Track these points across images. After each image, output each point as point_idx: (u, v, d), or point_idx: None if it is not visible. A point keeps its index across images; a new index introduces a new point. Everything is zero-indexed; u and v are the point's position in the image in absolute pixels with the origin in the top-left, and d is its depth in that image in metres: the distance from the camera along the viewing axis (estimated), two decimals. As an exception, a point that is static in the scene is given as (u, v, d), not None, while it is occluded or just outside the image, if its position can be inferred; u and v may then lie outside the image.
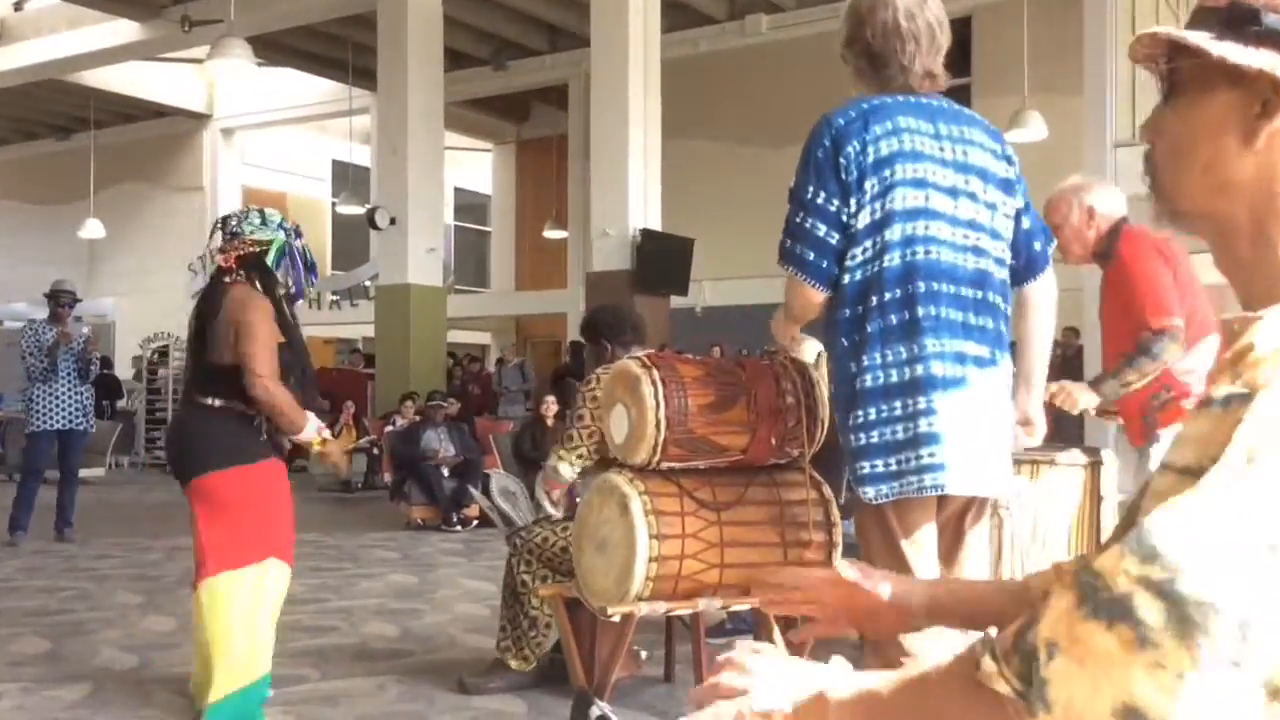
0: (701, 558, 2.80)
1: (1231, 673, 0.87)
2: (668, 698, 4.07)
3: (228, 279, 3.71)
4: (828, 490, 2.99)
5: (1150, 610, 0.87)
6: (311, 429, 3.70)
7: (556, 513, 3.97)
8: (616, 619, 2.80)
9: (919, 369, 2.49)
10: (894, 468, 2.52)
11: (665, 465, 2.85)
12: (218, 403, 3.65)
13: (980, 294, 2.60)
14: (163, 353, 17.38)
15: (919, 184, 2.57)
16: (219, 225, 3.87)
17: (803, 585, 1.45)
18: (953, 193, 2.60)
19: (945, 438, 2.48)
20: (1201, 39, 1.05)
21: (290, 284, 3.82)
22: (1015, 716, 0.94)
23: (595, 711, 2.75)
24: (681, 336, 11.85)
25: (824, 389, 3.06)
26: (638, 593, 2.74)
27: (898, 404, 2.49)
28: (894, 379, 2.51)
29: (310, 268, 3.88)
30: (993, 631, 1.01)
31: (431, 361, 13.75)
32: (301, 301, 4.00)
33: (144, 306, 19.84)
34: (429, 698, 4.09)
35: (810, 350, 5.50)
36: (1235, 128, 1.05)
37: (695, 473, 2.91)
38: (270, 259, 3.75)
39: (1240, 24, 1.04)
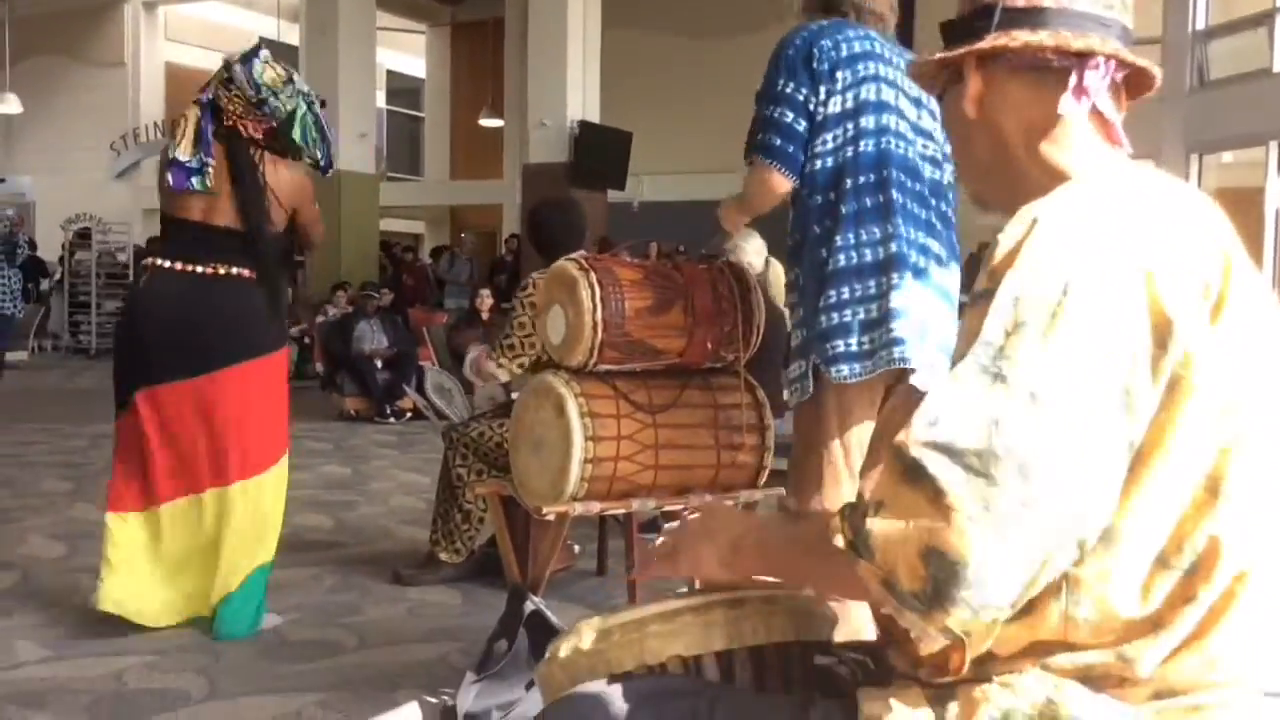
0: (636, 459, 2.83)
1: (1022, 511, 1.01)
2: (600, 590, 4.16)
3: (254, 151, 3.55)
4: (761, 394, 3.04)
5: (941, 464, 1.03)
6: None
7: (480, 384, 3.95)
8: (552, 518, 2.84)
9: (891, 247, 2.56)
10: (866, 346, 2.59)
11: (602, 368, 2.86)
12: (245, 273, 3.52)
13: (936, 202, 2.68)
14: (83, 235, 16.90)
15: (890, 84, 2.66)
16: (230, 72, 3.53)
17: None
18: (916, 103, 2.69)
19: (907, 313, 2.55)
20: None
21: (319, 157, 3.67)
22: (850, 566, 1.08)
23: (529, 606, 2.81)
24: (618, 232, 11.78)
25: (760, 294, 3.09)
26: (573, 493, 2.78)
27: (871, 283, 2.57)
28: (867, 258, 2.57)
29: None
30: None
31: (364, 251, 13.56)
32: None
33: (64, 186, 19.19)
34: (364, 588, 4.14)
35: (756, 250, 5.53)
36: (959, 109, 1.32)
37: (631, 375, 2.92)
38: (296, 133, 3.59)
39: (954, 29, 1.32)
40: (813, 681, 1.32)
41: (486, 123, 19.09)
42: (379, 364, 9.49)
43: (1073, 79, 1.24)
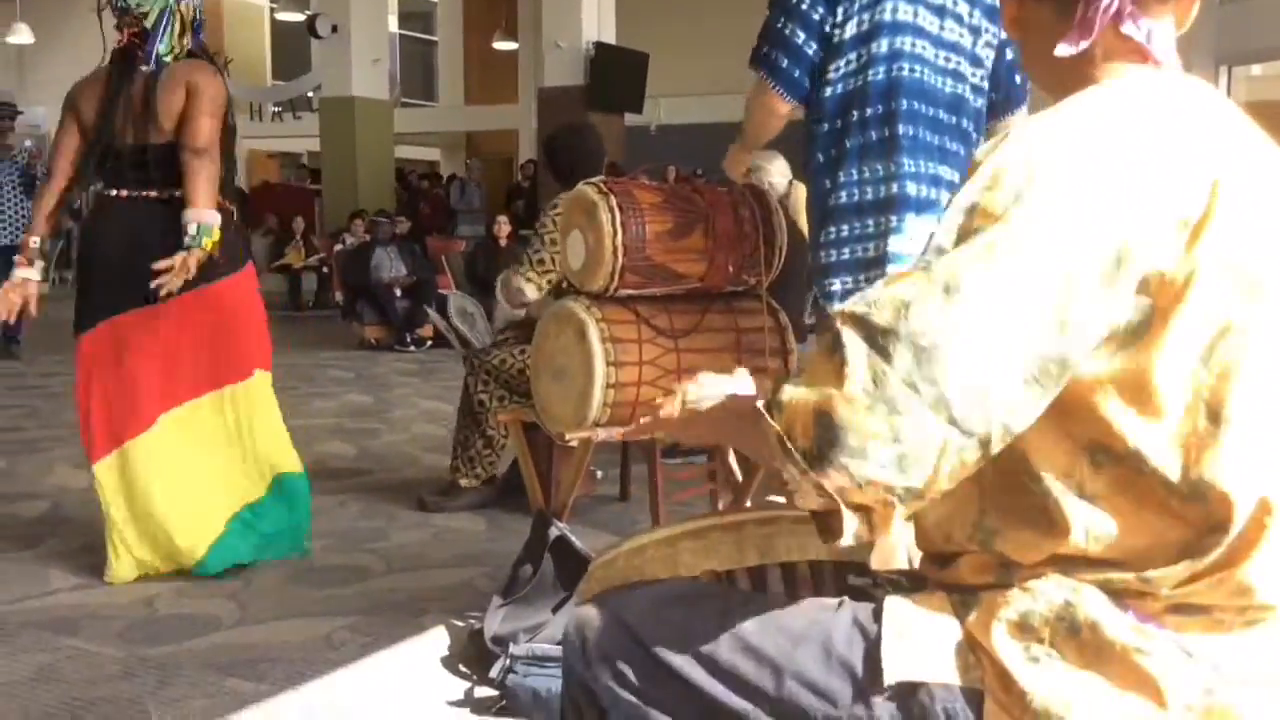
0: (659, 384, 2.83)
1: (909, 395, 1.03)
2: (623, 516, 4.18)
3: (138, 61, 3.39)
4: (784, 317, 3.02)
5: (852, 338, 1.06)
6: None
7: (508, 307, 3.92)
8: (575, 444, 2.84)
9: (894, 187, 2.51)
10: (863, 284, 2.56)
11: (622, 293, 2.85)
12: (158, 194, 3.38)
13: (955, 119, 2.60)
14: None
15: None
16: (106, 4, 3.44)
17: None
18: (940, 11, 2.59)
19: (905, 259, 2.51)
20: None
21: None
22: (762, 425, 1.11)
23: (554, 532, 2.82)
24: (635, 156, 11.68)
25: (782, 217, 3.05)
26: (595, 419, 2.78)
27: (870, 221, 2.53)
28: (869, 196, 2.53)
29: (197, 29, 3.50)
30: None
31: (379, 178, 13.48)
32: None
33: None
34: (389, 515, 4.18)
35: (780, 171, 5.46)
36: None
37: (652, 300, 2.91)
38: (150, 23, 3.40)
39: None
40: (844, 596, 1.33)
41: (500, 46, 18.85)
42: (398, 292, 9.48)
43: (1078, 10, 1.21)
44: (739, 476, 3.18)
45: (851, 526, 1.09)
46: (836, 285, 2.56)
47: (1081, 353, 1.05)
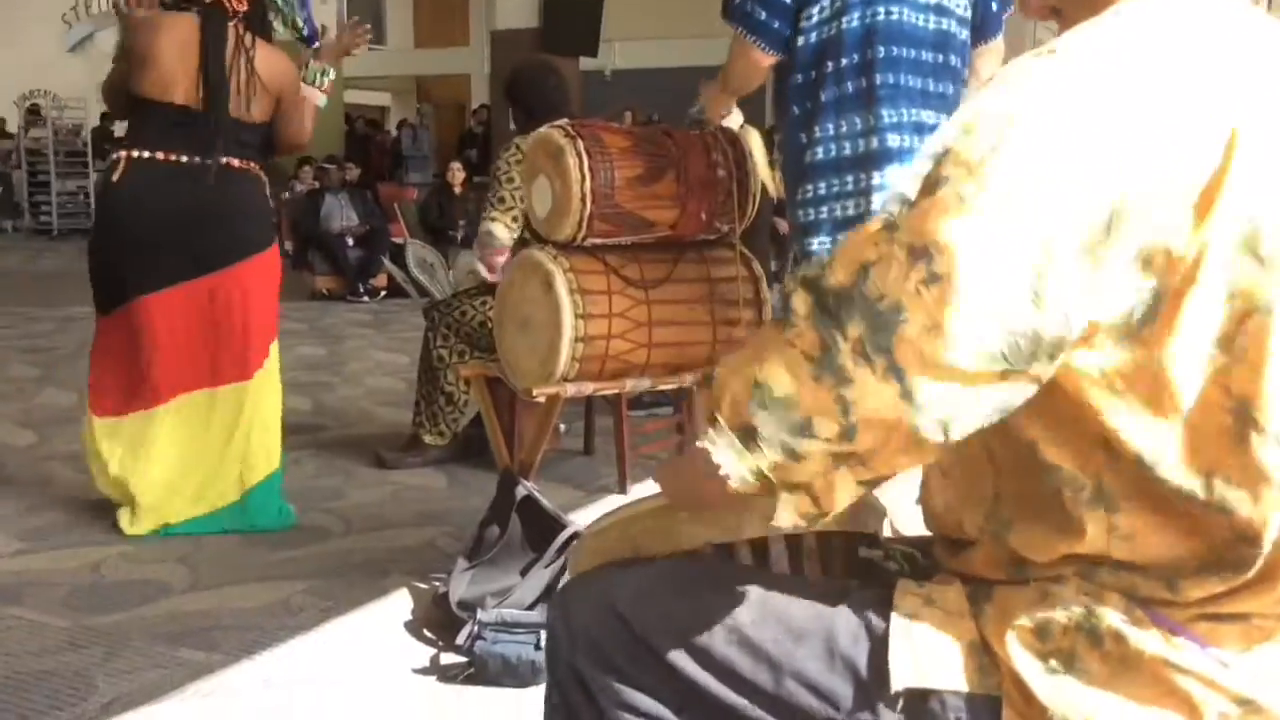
0: (629, 337, 2.71)
1: (857, 363, 0.92)
2: (588, 470, 4.08)
3: (234, 23, 3.24)
4: (758, 267, 2.91)
5: (801, 302, 0.96)
6: None
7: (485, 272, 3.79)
8: (541, 400, 2.73)
9: (874, 141, 2.39)
10: None
11: (591, 241, 2.72)
12: (251, 165, 3.32)
13: (941, 57, 2.49)
14: (34, 111, 16.31)
15: None
16: None
17: None
18: None
19: None
20: None
21: (301, 25, 3.42)
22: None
23: (521, 491, 2.71)
24: (590, 102, 11.46)
25: (756, 161, 2.93)
26: (563, 374, 2.66)
27: (849, 178, 2.41)
28: (846, 152, 2.41)
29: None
30: None
31: (327, 123, 13.12)
32: None
33: (14, 61, 18.45)
34: (347, 473, 4.05)
35: (734, 122, 5.33)
36: None
37: (622, 249, 2.79)
38: None
39: None
40: (854, 574, 1.23)
41: (451, -13, 18.41)
42: (350, 241, 9.26)
43: None
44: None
45: (786, 511, 0.98)
46: (816, 245, 2.47)
47: (1058, 333, 0.91)
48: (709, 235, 2.87)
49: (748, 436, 0.95)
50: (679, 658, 1.13)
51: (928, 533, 1.21)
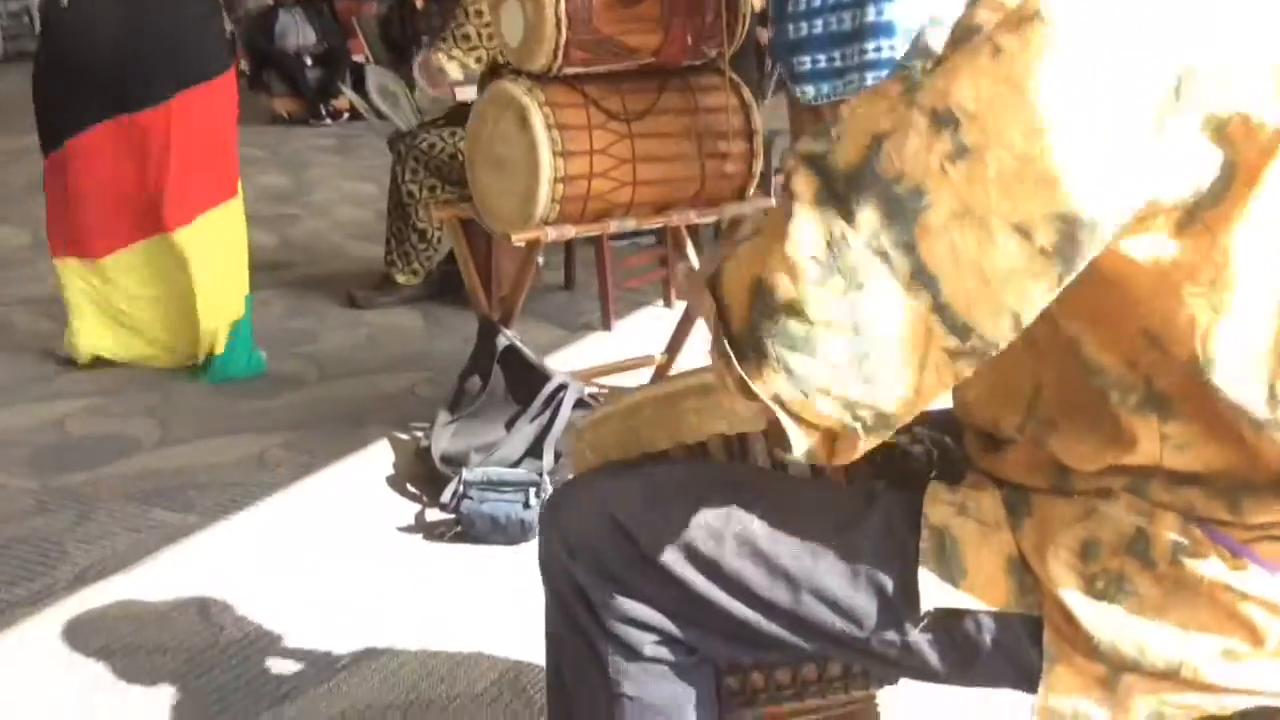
0: (612, 175, 2.53)
1: (872, 262, 0.77)
2: (569, 306, 3.95)
3: None
4: (748, 94, 2.71)
5: (805, 185, 0.80)
6: None
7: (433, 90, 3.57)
8: (521, 245, 2.57)
9: None
10: (837, 63, 2.28)
11: (568, 71, 2.51)
12: None
13: None
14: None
15: None
16: None
17: None
18: None
19: (900, 29, 2.21)
20: None
21: None
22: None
23: (502, 341, 2.59)
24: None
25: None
26: (543, 216, 2.49)
27: None
28: None
29: None
30: None
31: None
32: None
33: None
34: (318, 314, 3.90)
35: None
36: None
37: (602, 79, 2.57)
38: None
39: None
40: (877, 465, 1.11)
41: None
42: (308, 61, 8.82)
43: None
44: (694, 263, 2.94)
45: (799, 439, 0.83)
46: (808, 64, 2.28)
47: (1113, 217, 0.77)
48: (695, 61, 2.66)
49: (744, 350, 0.80)
50: (685, 571, 1.03)
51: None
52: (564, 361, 3.47)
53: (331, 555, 2.31)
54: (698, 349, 3.05)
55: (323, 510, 2.51)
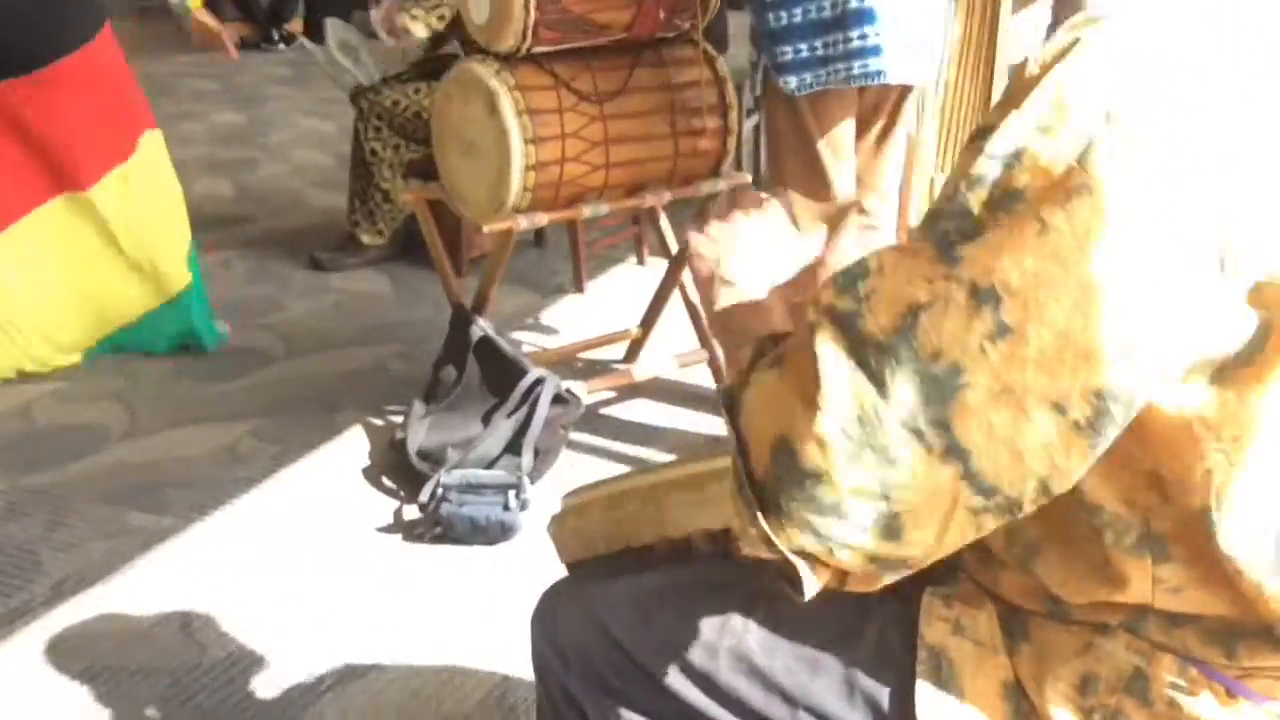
0: (584, 159, 2.46)
1: (907, 440, 0.74)
2: (540, 266, 3.89)
3: None
4: (722, 66, 2.63)
5: (830, 349, 0.77)
6: None
7: (391, 42, 3.44)
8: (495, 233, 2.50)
9: None
10: (820, 52, 2.21)
11: (537, 50, 2.42)
12: None
13: None
14: None
15: None
16: None
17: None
18: None
19: (881, 15, 2.15)
20: None
21: None
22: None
23: (476, 332, 2.54)
24: None
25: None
26: (515, 204, 2.43)
27: None
28: None
29: None
30: None
31: None
32: None
33: None
34: (281, 278, 3.81)
35: None
36: None
37: (572, 55, 2.49)
38: None
39: None
40: None
41: None
42: (259, -18, 8.51)
43: None
44: (690, 233, 2.87)
45: (812, 583, 0.82)
46: (790, 53, 2.20)
47: (1155, 386, 0.75)
48: (667, 33, 2.57)
49: (769, 504, 0.79)
50: (680, 684, 1.02)
51: None
52: (536, 329, 3.43)
53: (311, 559, 2.29)
54: (673, 322, 3.01)
55: (298, 508, 2.47)
